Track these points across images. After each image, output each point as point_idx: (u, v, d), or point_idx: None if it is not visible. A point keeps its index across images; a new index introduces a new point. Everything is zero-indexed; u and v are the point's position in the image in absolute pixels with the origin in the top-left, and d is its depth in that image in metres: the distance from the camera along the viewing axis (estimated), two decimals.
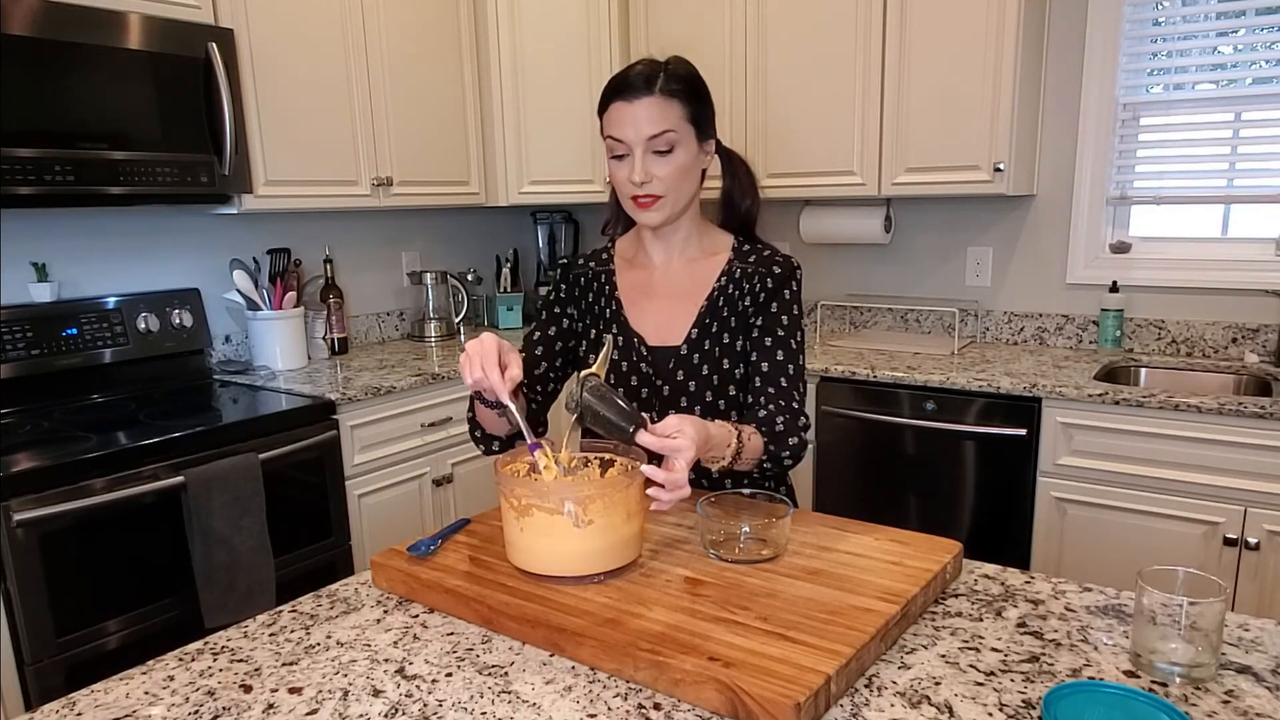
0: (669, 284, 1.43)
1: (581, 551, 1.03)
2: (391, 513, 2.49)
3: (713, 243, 1.45)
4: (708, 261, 1.43)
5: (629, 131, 1.29)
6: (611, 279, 1.45)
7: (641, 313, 1.42)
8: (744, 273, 1.40)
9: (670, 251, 1.43)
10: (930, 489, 2.53)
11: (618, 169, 1.33)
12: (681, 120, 1.30)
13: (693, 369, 1.38)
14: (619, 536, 1.04)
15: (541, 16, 3.05)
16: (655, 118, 1.28)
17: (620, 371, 1.41)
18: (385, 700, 0.88)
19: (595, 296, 1.46)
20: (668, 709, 0.84)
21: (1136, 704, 0.80)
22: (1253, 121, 2.52)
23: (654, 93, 1.28)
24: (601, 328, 1.44)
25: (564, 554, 1.03)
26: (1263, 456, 2.06)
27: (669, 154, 1.30)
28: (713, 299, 1.39)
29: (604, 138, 1.34)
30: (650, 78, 1.29)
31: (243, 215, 2.74)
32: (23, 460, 1.78)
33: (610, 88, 1.32)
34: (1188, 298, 2.65)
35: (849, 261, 3.23)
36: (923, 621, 1.00)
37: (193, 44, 2.18)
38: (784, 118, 2.89)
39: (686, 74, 1.33)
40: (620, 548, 1.05)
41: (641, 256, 1.46)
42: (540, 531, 1.03)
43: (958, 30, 2.53)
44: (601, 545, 1.03)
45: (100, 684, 0.93)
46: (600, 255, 1.49)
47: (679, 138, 1.30)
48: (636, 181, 1.30)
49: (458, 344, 3.13)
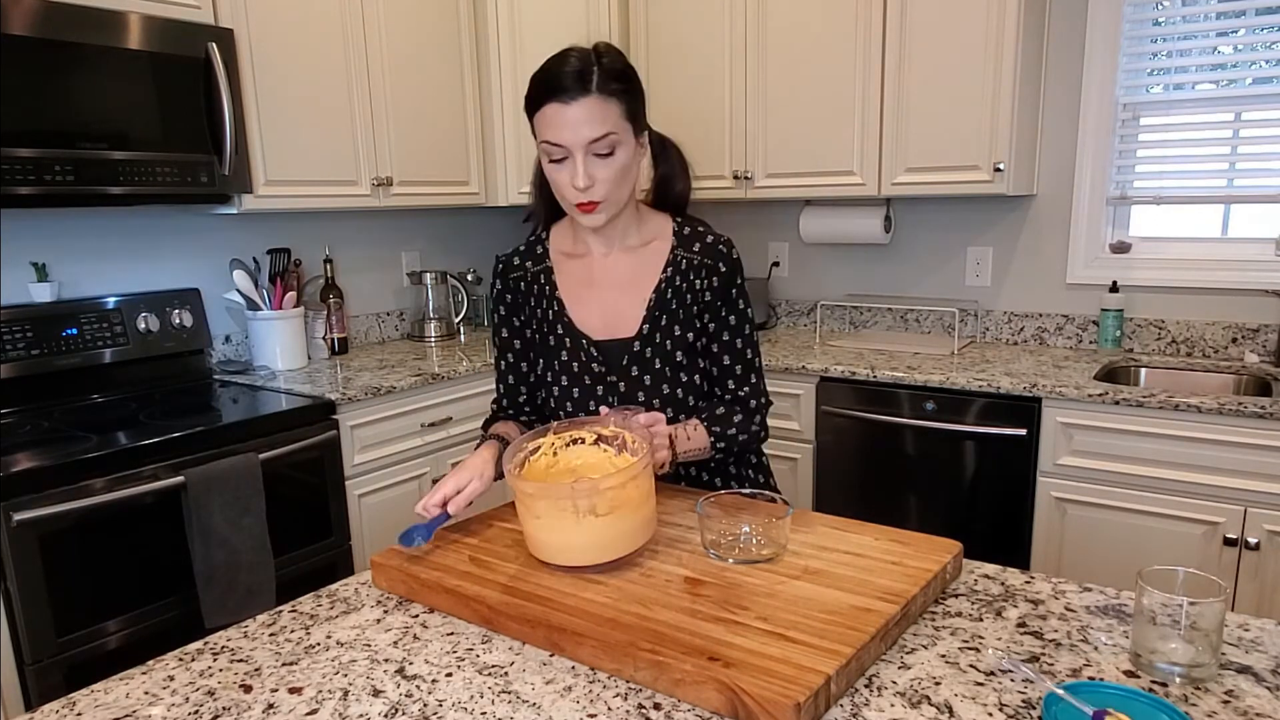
0: (610, 274, 1.40)
1: (605, 540, 1.05)
2: (391, 513, 2.49)
3: (651, 228, 1.41)
4: (648, 249, 1.40)
5: (568, 135, 1.22)
6: (550, 277, 1.42)
7: (585, 308, 1.39)
8: (689, 264, 1.38)
9: (610, 243, 1.40)
10: (930, 489, 2.53)
11: (557, 173, 1.27)
12: (621, 120, 1.25)
13: (645, 362, 1.37)
14: (640, 516, 1.08)
15: (541, 17, 3.05)
16: (595, 120, 1.22)
17: (571, 373, 1.39)
18: (385, 700, 0.88)
19: (537, 300, 1.43)
20: (668, 709, 0.84)
21: (1137, 704, 0.80)
22: (1253, 121, 2.52)
23: (591, 92, 1.21)
24: (546, 330, 1.41)
25: (586, 545, 1.05)
26: (1263, 456, 2.06)
27: (610, 156, 1.25)
28: (660, 291, 1.37)
29: (539, 141, 1.27)
30: (584, 75, 1.21)
31: (243, 215, 2.74)
32: (23, 460, 1.78)
33: (541, 85, 1.24)
34: (1188, 298, 2.65)
35: (849, 261, 3.23)
36: (923, 621, 1.00)
37: (193, 44, 2.18)
38: (784, 118, 2.89)
39: (622, 68, 1.26)
40: (643, 526, 1.09)
41: (579, 247, 1.42)
42: (554, 529, 1.05)
43: (958, 30, 2.53)
44: (623, 529, 1.06)
45: (100, 684, 0.93)
46: (535, 250, 1.44)
47: (620, 138, 1.25)
48: (580, 187, 1.24)
49: (458, 344, 3.13)
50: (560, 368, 1.40)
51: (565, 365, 1.40)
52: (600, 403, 1.38)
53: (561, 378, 1.40)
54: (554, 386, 1.41)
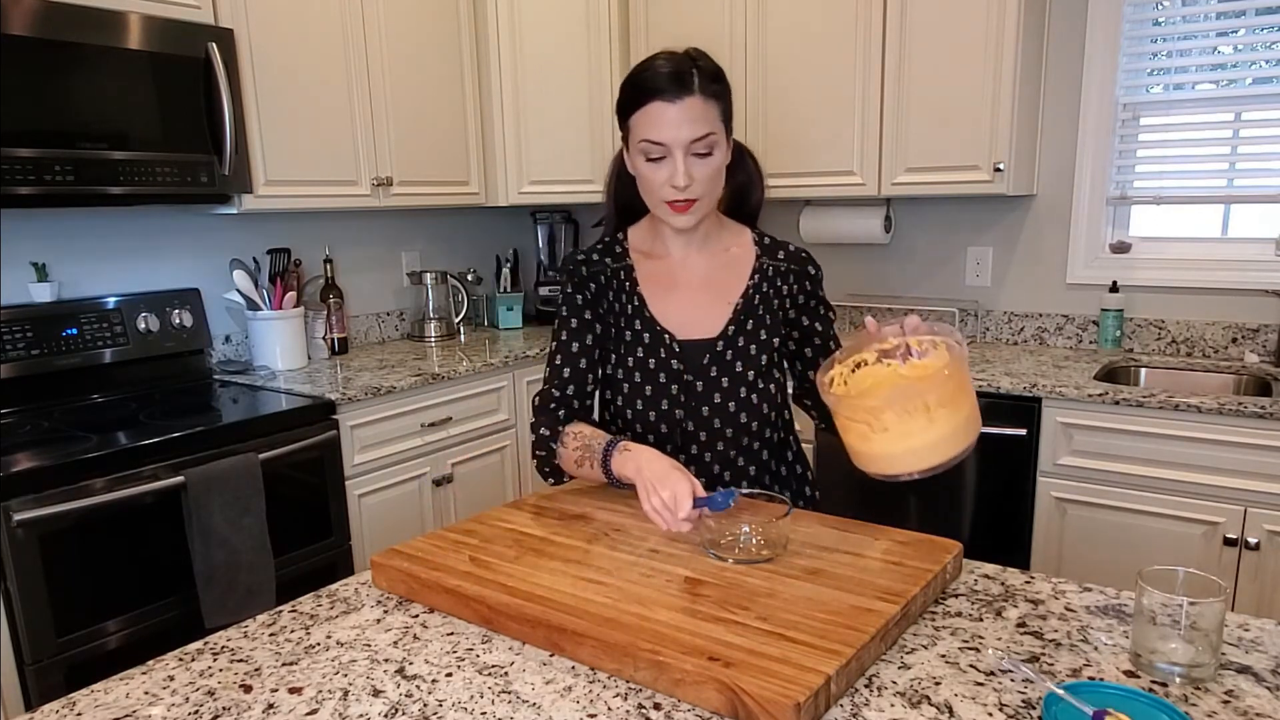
0: (691, 275, 1.41)
1: (956, 427, 1.04)
2: (391, 513, 2.49)
3: (730, 236, 1.43)
4: (728, 255, 1.41)
5: (669, 134, 1.24)
6: (631, 274, 1.41)
7: (665, 307, 1.39)
8: (776, 271, 1.40)
9: (691, 246, 1.41)
10: (930, 489, 2.53)
11: (654, 171, 1.28)
12: (719, 121, 1.27)
13: (726, 364, 1.37)
14: (971, 401, 1.07)
15: (541, 16, 3.05)
16: (699, 120, 1.24)
17: (646, 369, 1.38)
18: (385, 700, 0.88)
19: (615, 294, 1.42)
20: (668, 709, 0.84)
21: (1137, 704, 0.80)
22: (1253, 121, 2.52)
23: (694, 92, 1.23)
24: (624, 325, 1.40)
25: (940, 439, 1.04)
26: (1263, 456, 2.06)
27: (708, 156, 1.27)
28: (749, 297, 1.38)
29: (637, 140, 1.28)
30: (684, 76, 1.24)
31: (243, 215, 2.74)
32: (23, 460, 1.78)
33: (642, 85, 1.26)
34: (1188, 298, 2.65)
35: (849, 261, 3.23)
36: (923, 621, 1.00)
37: (193, 44, 2.18)
38: (784, 117, 2.89)
39: (717, 70, 1.29)
40: (975, 411, 1.07)
41: (659, 248, 1.42)
42: (907, 434, 1.04)
43: (958, 30, 2.53)
44: (966, 415, 1.05)
45: (100, 684, 0.93)
46: (614, 249, 1.44)
47: (718, 139, 1.27)
48: (681, 185, 1.26)
49: (458, 344, 3.13)
50: (635, 364, 1.39)
51: (640, 362, 1.38)
52: (673, 403, 1.38)
53: (634, 374, 1.39)
54: (624, 384, 1.40)
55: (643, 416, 1.40)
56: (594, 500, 1.33)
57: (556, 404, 1.40)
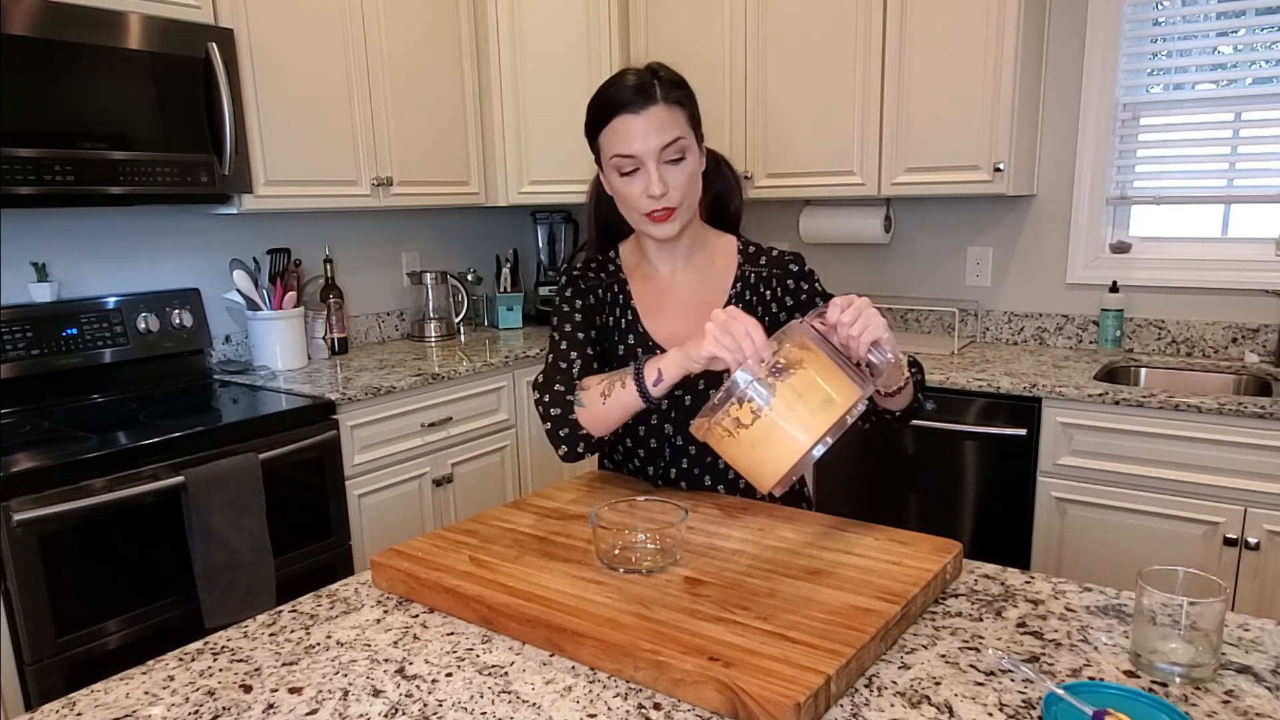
0: (681, 293, 1.41)
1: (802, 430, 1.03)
2: (391, 513, 2.49)
3: (716, 248, 1.43)
4: (715, 268, 1.41)
5: (638, 145, 1.25)
6: (625, 288, 1.42)
7: (657, 324, 1.40)
8: (758, 277, 1.39)
9: (676, 261, 1.41)
10: (930, 489, 2.53)
11: (629, 185, 1.29)
12: (687, 126, 1.29)
13: (714, 377, 1.35)
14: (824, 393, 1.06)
15: (541, 17, 3.05)
16: (665, 126, 1.25)
17: None
18: (385, 700, 0.88)
19: (609, 308, 1.43)
20: (668, 709, 0.84)
21: (1137, 704, 0.80)
22: (1253, 121, 2.52)
23: (658, 101, 1.25)
24: (617, 338, 1.41)
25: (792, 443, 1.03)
26: (1263, 456, 2.06)
27: (681, 162, 1.28)
28: (730, 306, 1.37)
29: (608, 157, 1.29)
30: (646, 87, 1.26)
31: (243, 215, 2.74)
32: (23, 460, 1.78)
33: (606, 103, 1.28)
34: (1188, 298, 2.65)
35: (849, 261, 3.23)
36: (923, 621, 1.00)
37: (193, 44, 2.18)
38: (784, 117, 2.89)
39: (679, 78, 1.31)
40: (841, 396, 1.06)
41: (645, 267, 1.43)
42: (765, 437, 1.04)
43: (958, 30, 2.53)
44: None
45: (100, 684, 0.93)
46: (607, 266, 1.45)
47: (688, 143, 1.29)
48: (657, 194, 1.26)
49: (458, 344, 3.13)
50: None
51: None
52: (662, 418, 1.38)
53: None
54: None
55: (632, 431, 1.42)
56: (594, 500, 1.34)
57: (562, 377, 1.36)
